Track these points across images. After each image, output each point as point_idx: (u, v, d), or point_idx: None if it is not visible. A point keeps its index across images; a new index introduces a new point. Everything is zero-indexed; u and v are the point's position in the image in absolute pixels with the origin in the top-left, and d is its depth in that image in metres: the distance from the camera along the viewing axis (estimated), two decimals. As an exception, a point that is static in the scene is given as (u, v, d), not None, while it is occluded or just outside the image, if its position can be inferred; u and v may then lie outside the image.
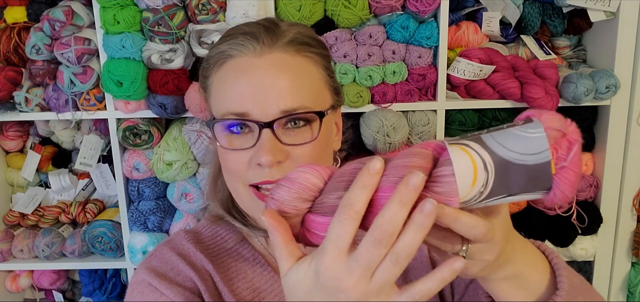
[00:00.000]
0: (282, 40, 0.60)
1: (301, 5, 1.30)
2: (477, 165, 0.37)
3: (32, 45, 1.35)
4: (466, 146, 0.38)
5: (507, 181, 0.38)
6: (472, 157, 0.38)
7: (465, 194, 0.38)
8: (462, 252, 0.43)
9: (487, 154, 0.38)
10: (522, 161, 0.37)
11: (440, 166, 0.39)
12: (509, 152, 0.37)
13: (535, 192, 0.39)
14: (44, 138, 1.63)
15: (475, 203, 0.39)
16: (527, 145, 0.37)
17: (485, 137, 0.39)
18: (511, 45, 1.49)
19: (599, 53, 1.44)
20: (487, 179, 0.38)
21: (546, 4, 1.43)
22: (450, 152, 0.38)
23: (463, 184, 0.37)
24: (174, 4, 1.28)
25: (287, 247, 0.42)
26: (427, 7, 1.30)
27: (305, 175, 0.43)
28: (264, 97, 0.57)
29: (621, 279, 1.52)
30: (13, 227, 1.60)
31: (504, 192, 0.38)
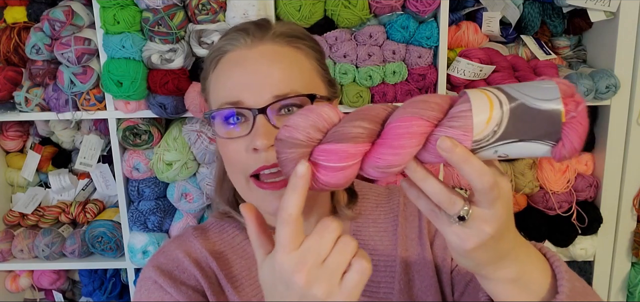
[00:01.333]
0: (272, 32, 0.63)
1: (301, 5, 1.30)
2: (493, 103, 0.39)
3: (32, 45, 1.35)
4: (484, 89, 0.41)
5: (520, 124, 0.39)
6: (489, 96, 0.40)
7: (480, 130, 0.39)
8: (464, 212, 0.42)
9: (503, 95, 0.40)
10: (536, 105, 0.39)
11: (457, 104, 0.41)
12: (524, 96, 0.39)
13: (545, 141, 0.40)
14: (44, 138, 1.63)
15: (487, 144, 0.40)
16: (541, 92, 0.39)
17: (504, 86, 0.41)
18: (511, 45, 1.49)
19: (599, 53, 1.44)
20: (501, 118, 0.39)
21: (546, 4, 1.43)
22: (469, 92, 0.41)
23: (478, 120, 0.39)
24: (174, 4, 1.28)
25: (260, 239, 0.46)
26: (427, 7, 1.30)
27: (322, 107, 0.44)
28: (257, 85, 0.59)
29: (621, 279, 1.52)
30: (13, 227, 1.60)
31: (516, 136, 0.39)
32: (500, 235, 0.44)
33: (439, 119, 0.42)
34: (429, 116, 0.42)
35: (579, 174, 1.46)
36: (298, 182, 0.42)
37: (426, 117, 0.41)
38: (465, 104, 0.40)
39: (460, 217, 0.43)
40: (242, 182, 0.62)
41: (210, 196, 1.41)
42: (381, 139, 0.42)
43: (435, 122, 0.42)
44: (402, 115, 0.42)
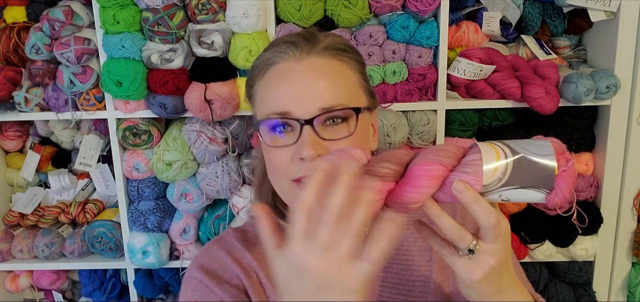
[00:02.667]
0: (319, 46, 0.66)
1: (301, 5, 1.30)
2: (500, 154, 0.47)
3: (31, 45, 1.35)
4: (492, 143, 0.49)
5: (521, 174, 0.47)
6: (496, 149, 0.48)
7: (488, 177, 0.47)
8: (472, 246, 0.50)
9: (507, 149, 0.48)
10: (534, 160, 0.47)
11: (470, 154, 0.49)
12: (524, 150, 0.47)
13: (541, 189, 0.48)
14: (43, 138, 1.63)
15: (493, 189, 0.48)
16: (538, 148, 0.48)
17: (507, 141, 0.49)
18: (511, 45, 1.48)
19: (599, 53, 1.44)
20: (506, 168, 0.47)
21: (546, 4, 1.42)
22: (480, 145, 0.49)
23: (487, 168, 0.47)
24: (174, 4, 1.28)
25: (271, 235, 0.48)
26: (427, 7, 1.30)
27: (354, 149, 0.51)
28: (304, 97, 0.62)
29: (621, 279, 1.52)
30: (13, 227, 1.60)
31: (518, 183, 0.47)
32: (501, 268, 0.51)
33: (454, 165, 0.49)
34: (446, 162, 0.49)
35: (579, 174, 1.45)
36: (316, 175, 0.45)
37: (444, 163, 0.49)
38: (477, 154, 0.48)
39: (469, 250, 0.50)
40: (285, 186, 0.65)
41: (211, 196, 1.41)
42: (405, 178, 0.49)
43: (450, 168, 0.49)
44: (423, 160, 0.49)
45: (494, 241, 0.50)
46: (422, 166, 0.49)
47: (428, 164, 0.48)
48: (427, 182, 0.48)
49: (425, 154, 0.50)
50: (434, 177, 0.49)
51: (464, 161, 0.49)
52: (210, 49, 1.32)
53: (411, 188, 0.49)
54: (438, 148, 0.50)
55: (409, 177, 0.49)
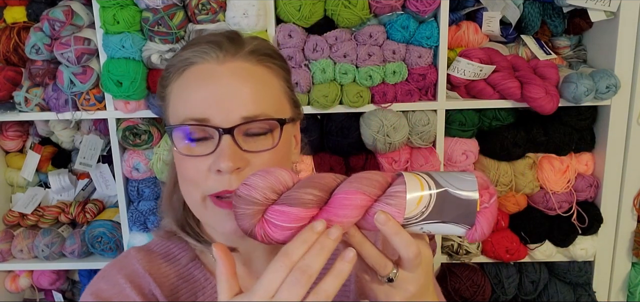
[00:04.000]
0: (245, 50, 0.60)
1: (301, 5, 1.30)
2: (424, 187, 0.47)
3: (31, 45, 1.35)
4: (418, 174, 0.49)
5: (443, 208, 0.47)
6: (421, 181, 0.48)
7: (411, 209, 0.47)
8: (392, 275, 0.50)
9: (432, 181, 0.48)
10: (457, 194, 0.47)
11: (395, 184, 0.49)
12: (448, 184, 0.48)
13: (461, 225, 0.48)
14: (43, 138, 1.63)
15: (415, 222, 0.48)
16: (462, 183, 0.48)
17: (433, 173, 0.49)
18: (511, 45, 1.49)
19: (599, 53, 1.44)
20: (429, 201, 0.47)
21: (546, 4, 1.42)
22: (405, 175, 0.49)
23: (410, 199, 0.47)
24: (174, 4, 1.28)
25: (229, 282, 0.46)
26: (427, 7, 1.30)
27: (280, 171, 0.49)
28: (226, 104, 0.56)
29: (621, 279, 1.52)
30: (13, 227, 1.60)
31: (439, 218, 0.48)
32: (420, 294, 0.52)
33: (378, 195, 0.49)
34: (370, 192, 0.48)
35: (579, 174, 1.46)
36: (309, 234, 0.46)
37: (368, 193, 0.48)
38: (401, 185, 0.48)
39: (389, 279, 0.50)
40: (197, 199, 0.59)
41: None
42: (328, 206, 0.48)
43: (374, 198, 0.49)
44: (348, 188, 0.48)
45: (413, 270, 0.50)
46: (346, 195, 0.48)
47: (352, 193, 0.48)
48: (350, 212, 0.48)
49: (350, 182, 0.49)
50: (357, 206, 0.48)
51: (389, 191, 0.49)
52: (210, 49, 1.31)
53: (334, 217, 0.47)
54: (364, 176, 0.49)
55: (333, 205, 0.48)
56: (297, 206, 0.47)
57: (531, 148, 1.44)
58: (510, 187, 1.43)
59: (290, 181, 0.49)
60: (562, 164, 1.42)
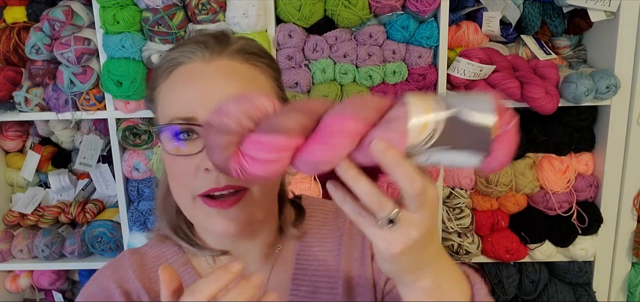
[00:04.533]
0: (231, 48, 0.60)
1: (301, 5, 1.30)
2: (431, 110, 0.40)
3: (31, 45, 1.35)
4: (423, 96, 0.41)
5: (454, 133, 0.40)
6: (427, 102, 0.40)
7: (415, 135, 0.40)
8: (393, 215, 0.42)
9: (441, 102, 0.40)
10: (470, 117, 0.40)
11: (395, 107, 0.41)
12: (460, 105, 0.40)
13: (476, 152, 0.40)
14: (43, 138, 1.63)
15: (420, 150, 0.40)
16: (476, 104, 0.40)
17: (442, 94, 0.42)
18: (511, 45, 1.48)
19: (599, 53, 1.44)
20: (436, 125, 0.40)
21: (546, 4, 1.42)
22: (409, 96, 0.41)
23: (414, 125, 0.40)
24: (174, 4, 1.28)
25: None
26: (427, 7, 1.30)
27: (258, 96, 0.43)
28: (212, 102, 0.55)
29: (621, 279, 1.52)
30: (13, 227, 1.60)
31: (449, 144, 0.40)
32: (425, 240, 0.44)
33: (375, 121, 0.41)
34: (365, 117, 0.41)
35: (579, 174, 1.46)
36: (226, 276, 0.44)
37: (362, 117, 0.41)
38: (402, 107, 0.40)
39: (390, 220, 0.42)
40: (187, 200, 0.59)
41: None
42: (315, 134, 0.42)
43: (371, 123, 0.41)
44: (338, 113, 0.41)
45: (418, 209, 0.42)
46: (336, 119, 0.41)
47: (343, 118, 0.40)
48: (340, 140, 0.41)
49: (342, 106, 0.42)
50: (349, 134, 0.41)
51: (388, 115, 0.41)
52: (210, 49, 1.31)
53: (322, 146, 0.41)
54: (358, 100, 0.42)
55: (321, 132, 0.41)
56: (278, 133, 0.41)
57: (531, 148, 1.44)
58: (510, 187, 1.43)
59: (269, 106, 0.43)
60: (562, 164, 1.42)
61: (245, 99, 0.42)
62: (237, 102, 0.42)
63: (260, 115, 0.42)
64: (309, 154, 0.42)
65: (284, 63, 1.33)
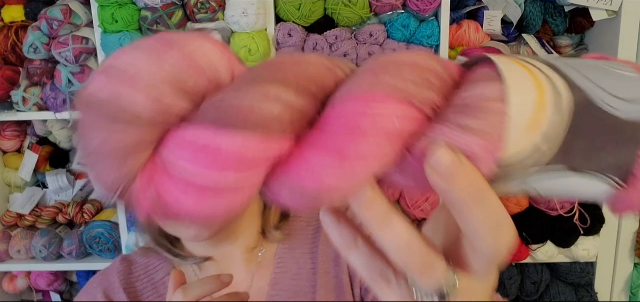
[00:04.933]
0: None
1: (301, 4, 1.29)
2: (546, 91, 0.21)
3: (29, 45, 1.34)
4: (521, 60, 0.22)
5: (580, 140, 0.21)
6: (537, 78, 0.21)
7: (518, 143, 0.21)
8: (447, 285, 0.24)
9: (561, 79, 0.21)
10: (614, 109, 0.21)
11: (477, 82, 0.22)
12: (596, 87, 0.21)
13: (610, 176, 0.22)
14: (41, 138, 1.62)
15: (521, 169, 0.22)
16: (623, 87, 0.21)
17: (557, 61, 0.22)
18: (513, 45, 1.48)
19: (601, 52, 1.43)
20: (554, 120, 0.21)
21: (548, 3, 1.42)
22: (498, 62, 0.22)
23: (518, 116, 0.20)
24: (173, 3, 1.27)
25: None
26: (428, 6, 1.29)
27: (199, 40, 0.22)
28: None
29: (624, 280, 1.51)
30: (10, 228, 1.59)
31: (568, 160, 0.21)
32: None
33: (438, 105, 0.22)
34: (421, 98, 0.21)
35: (581, 174, 1.45)
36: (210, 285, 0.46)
37: (417, 98, 0.21)
38: (494, 84, 0.21)
39: (440, 296, 0.23)
40: None
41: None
42: (319, 131, 0.21)
43: (429, 112, 0.22)
44: (366, 88, 0.21)
45: (489, 272, 0.25)
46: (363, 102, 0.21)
47: (379, 100, 0.20)
48: (372, 148, 0.20)
49: (371, 72, 0.22)
50: (389, 134, 0.21)
51: (463, 97, 0.22)
52: (210, 48, 1.31)
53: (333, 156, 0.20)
54: (402, 60, 0.22)
55: (330, 127, 0.21)
56: (242, 127, 0.20)
57: (533, 148, 1.43)
58: (511, 188, 1.42)
59: (224, 67, 0.22)
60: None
61: (172, 47, 0.21)
62: (155, 54, 0.21)
63: (207, 83, 0.21)
64: (306, 175, 0.21)
65: (283, 62, 1.32)
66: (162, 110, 0.20)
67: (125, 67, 0.20)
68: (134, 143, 0.20)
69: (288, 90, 0.21)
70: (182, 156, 0.20)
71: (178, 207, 0.20)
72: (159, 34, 0.22)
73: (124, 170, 0.20)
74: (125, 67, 0.20)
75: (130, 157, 0.20)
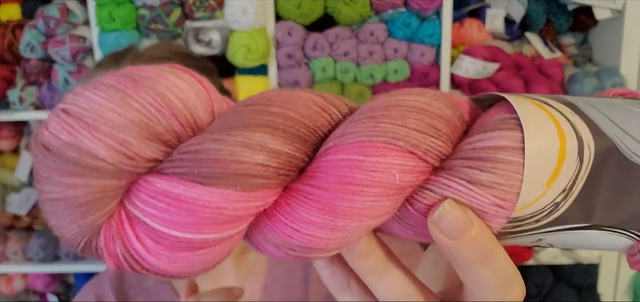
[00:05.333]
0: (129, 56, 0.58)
1: (301, 2, 1.28)
2: (568, 139, 0.19)
3: (26, 43, 1.32)
4: (541, 102, 0.20)
5: (601, 189, 0.19)
6: (559, 123, 0.19)
7: (535, 196, 0.19)
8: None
9: (583, 123, 0.19)
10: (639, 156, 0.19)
11: (490, 127, 0.20)
12: (622, 133, 0.19)
13: (630, 232, 0.20)
14: (38, 138, 1.61)
15: (533, 226, 0.20)
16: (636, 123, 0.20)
17: (571, 98, 0.21)
18: (515, 43, 1.46)
19: (604, 51, 1.42)
20: (577, 171, 0.19)
21: (551, 1, 1.40)
22: (514, 102, 0.19)
23: (536, 171, 0.18)
24: (171, 1, 1.26)
25: None
26: (430, 4, 1.27)
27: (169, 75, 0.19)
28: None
29: (627, 281, 1.49)
30: (7, 229, 1.58)
31: (588, 217, 0.20)
32: None
33: (444, 155, 0.20)
34: (425, 147, 0.19)
35: (584, 174, 1.43)
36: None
37: (421, 148, 0.19)
38: (510, 131, 0.19)
39: None
40: None
41: None
42: (308, 181, 0.19)
43: (435, 162, 0.20)
44: (364, 135, 0.19)
45: None
46: (356, 151, 0.19)
47: (374, 148, 0.19)
48: (368, 205, 0.19)
49: (369, 116, 0.20)
50: (389, 189, 0.19)
51: (474, 144, 0.20)
52: (208, 47, 1.29)
53: (324, 213, 0.19)
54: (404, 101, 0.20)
55: (323, 180, 0.19)
56: (223, 181, 0.18)
57: (535, 148, 1.42)
58: (514, 188, 1.40)
59: (201, 105, 0.20)
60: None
61: (140, 86, 0.18)
62: (119, 94, 0.18)
63: (181, 128, 0.19)
64: (293, 231, 0.19)
65: (283, 61, 1.31)
66: (128, 159, 0.18)
67: (87, 110, 0.17)
68: (96, 195, 0.18)
69: (274, 136, 0.19)
70: (153, 209, 0.18)
71: (148, 264, 0.19)
72: (126, 69, 0.19)
73: (85, 223, 0.18)
74: (86, 110, 0.18)
75: (93, 210, 0.18)
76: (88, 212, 0.18)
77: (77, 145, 0.17)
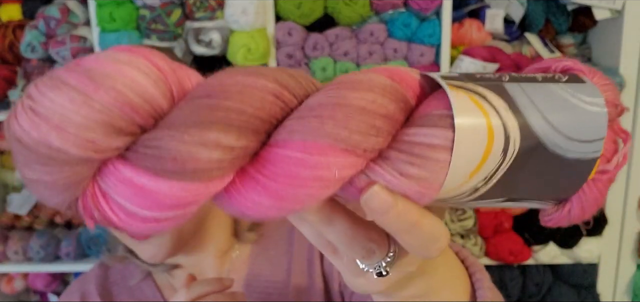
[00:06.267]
0: None
1: (301, 2, 1.28)
2: (495, 134, 0.20)
3: (27, 44, 1.33)
4: (479, 96, 0.21)
5: (520, 175, 0.21)
6: (491, 125, 0.20)
7: (457, 185, 0.21)
8: (383, 268, 0.27)
9: (517, 123, 0.21)
10: (567, 150, 0.21)
11: (426, 123, 0.21)
12: (553, 132, 0.21)
13: (546, 201, 0.24)
14: (39, 138, 1.61)
15: (459, 201, 0.23)
16: (580, 123, 0.21)
17: (511, 87, 0.21)
18: (515, 44, 1.47)
19: (604, 51, 1.42)
20: (500, 164, 0.21)
21: (550, 2, 1.41)
22: (453, 99, 0.21)
23: (461, 167, 0.20)
24: (171, 1, 1.26)
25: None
26: (430, 5, 1.28)
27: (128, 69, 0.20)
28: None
29: (626, 281, 1.50)
30: (7, 228, 1.58)
31: (506, 193, 0.22)
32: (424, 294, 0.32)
33: (380, 146, 0.22)
34: (365, 147, 0.21)
35: (583, 174, 1.44)
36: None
37: (361, 147, 0.21)
38: (443, 130, 0.21)
39: (379, 274, 0.27)
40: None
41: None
42: (260, 168, 0.21)
43: (373, 155, 0.22)
44: (309, 136, 0.21)
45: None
46: (301, 150, 0.21)
47: (318, 148, 0.20)
48: (308, 192, 0.21)
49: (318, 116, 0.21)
50: (326, 182, 0.21)
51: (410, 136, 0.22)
52: (209, 47, 1.29)
53: (271, 198, 0.21)
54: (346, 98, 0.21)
55: (271, 171, 0.21)
56: (182, 175, 0.20)
57: (535, 148, 1.42)
58: (513, 188, 1.41)
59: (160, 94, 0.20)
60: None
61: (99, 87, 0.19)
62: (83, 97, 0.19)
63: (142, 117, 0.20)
64: (246, 207, 0.22)
65: (283, 61, 1.31)
66: (95, 150, 0.20)
67: (52, 112, 0.19)
68: (71, 179, 0.20)
69: (228, 133, 0.20)
70: (121, 192, 0.21)
71: (123, 227, 0.22)
72: (84, 62, 0.20)
73: (65, 197, 0.21)
74: (52, 112, 0.19)
75: (69, 188, 0.21)
76: (65, 190, 0.21)
77: (48, 144, 0.19)
